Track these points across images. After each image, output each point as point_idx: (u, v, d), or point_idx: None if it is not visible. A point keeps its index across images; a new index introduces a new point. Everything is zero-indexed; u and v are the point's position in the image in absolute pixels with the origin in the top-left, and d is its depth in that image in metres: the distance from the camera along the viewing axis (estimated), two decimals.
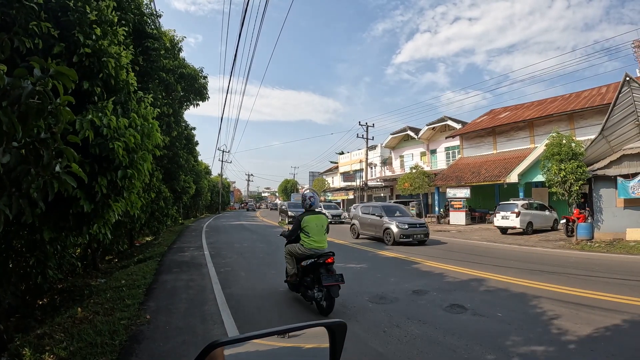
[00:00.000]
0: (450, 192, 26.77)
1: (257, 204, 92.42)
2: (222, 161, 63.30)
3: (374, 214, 17.38)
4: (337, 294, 5.88)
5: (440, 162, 36.58)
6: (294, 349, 1.26)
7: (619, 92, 12.89)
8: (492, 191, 28.90)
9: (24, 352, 4.33)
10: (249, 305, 6.62)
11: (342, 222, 30.56)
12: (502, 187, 24.93)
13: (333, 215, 29.05)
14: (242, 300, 6.90)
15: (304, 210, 6.71)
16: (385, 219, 16.25)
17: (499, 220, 19.72)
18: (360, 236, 18.16)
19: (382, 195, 44.50)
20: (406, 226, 15.42)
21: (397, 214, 16.96)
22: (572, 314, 5.80)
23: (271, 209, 72.03)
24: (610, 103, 14.08)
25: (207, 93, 17.49)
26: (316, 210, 6.70)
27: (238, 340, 1.11)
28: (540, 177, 19.95)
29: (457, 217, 26.63)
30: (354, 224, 18.88)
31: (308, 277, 6.30)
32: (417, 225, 15.72)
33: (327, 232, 6.64)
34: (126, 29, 6.26)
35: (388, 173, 43.98)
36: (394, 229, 15.39)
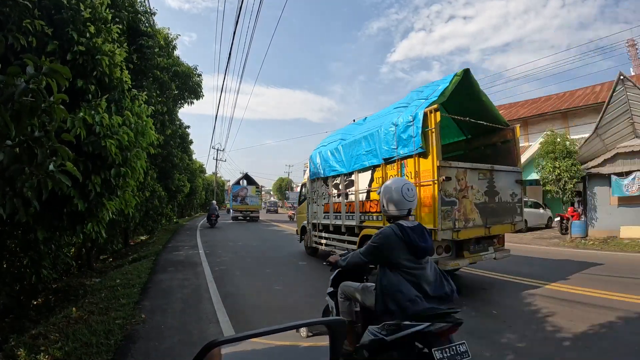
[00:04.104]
0: None
1: None
2: (216, 160, 63.04)
3: None
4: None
5: None
6: (290, 347, 1.26)
7: (613, 91, 12.98)
8: None
9: (18, 352, 4.30)
10: (244, 304, 6.61)
11: None
12: None
13: None
14: (237, 299, 6.89)
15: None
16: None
17: None
18: None
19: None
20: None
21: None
22: (567, 311, 5.84)
23: (268, 210, 57.54)
24: (604, 102, 14.19)
25: (201, 91, 17.45)
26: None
27: (237, 339, 1.11)
28: (534, 175, 20.02)
29: None
30: None
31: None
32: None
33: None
34: (120, 27, 6.22)
35: None
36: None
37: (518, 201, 7.94)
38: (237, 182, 34.07)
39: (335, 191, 10.07)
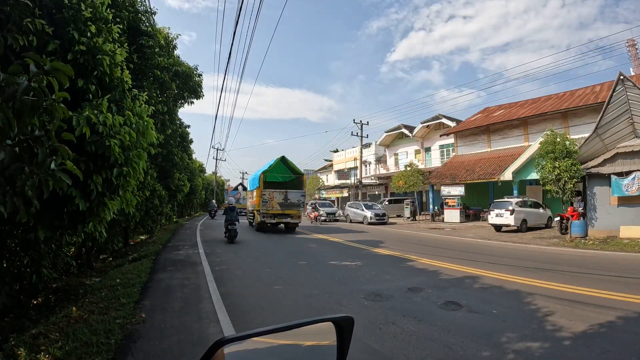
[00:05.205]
0: (445, 190, 26.84)
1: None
2: (216, 159, 63.13)
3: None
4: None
5: (435, 160, 36.69)
6: (293, 346, 1.25)
7: (613, 91, 12.98)
8: (486, 189, 29.01)
9: (19, 352, 4.29)
10: (244, 303, 6.62)
11: (337, 220, 30.71)
12: (497, 184, 25.00)
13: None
14: (237, 298, 6.90)
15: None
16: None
17: (493, 217, 19.80)
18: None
19: (376, 193, 44.57)
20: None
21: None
22: (567, 310, 5.85)
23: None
24: (604, 102, 14.18)
25: (201, 91, 17.40)
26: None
27: (244, 337, 1.10)
28: (534, 175, 20.04)
29: (452, 215, 26.72)
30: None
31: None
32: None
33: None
34: (121, 27, 6.21)
35: (382, 171, 44.04)
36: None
37: (302, 203, 20.87)
38: (235, 188, 50.37)
39: (249, 196, 24.83)
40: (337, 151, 55.57)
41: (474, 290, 7.31)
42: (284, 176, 22.03)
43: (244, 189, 43.07)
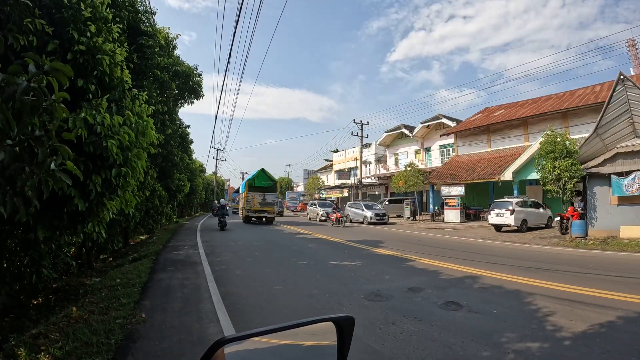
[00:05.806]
0: (445, 190, 26.84)
1: None
2: (216, 159, 63.22)
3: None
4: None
5: (435, 160, 36.69)
6: (293, 346, 1.25)
7: (613, 91, 12.97)
8: (486, 189, 29.01)
9: (19, 352, 4.29)
10: (244, 303, 6.62)
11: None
12: (497, 184, 24.99)
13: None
14: (237, 298, 6.89)
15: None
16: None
17: (493, 217, 19.80)
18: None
19: (376, 193, 44.56)
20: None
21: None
22: (567, 310, 5.85)
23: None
24: (604, 102, 14.17)
25: (201, 91, 17.41)
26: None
27: (244, 336, 1.10)
28: (534, 175, 20.04)
29: (452, 215, 26.72)
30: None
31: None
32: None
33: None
34: (120, 26, 6.19)
35: (382, 171, 44.03)
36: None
37: (276, 202, 30.07)
38: (237, 190, 52.00)
39: (240, 198, 35.86)
40: (337, 151, 55.56)
41: (474, 290, 7.31)
42: (263, 183, 29.08)
43: None
